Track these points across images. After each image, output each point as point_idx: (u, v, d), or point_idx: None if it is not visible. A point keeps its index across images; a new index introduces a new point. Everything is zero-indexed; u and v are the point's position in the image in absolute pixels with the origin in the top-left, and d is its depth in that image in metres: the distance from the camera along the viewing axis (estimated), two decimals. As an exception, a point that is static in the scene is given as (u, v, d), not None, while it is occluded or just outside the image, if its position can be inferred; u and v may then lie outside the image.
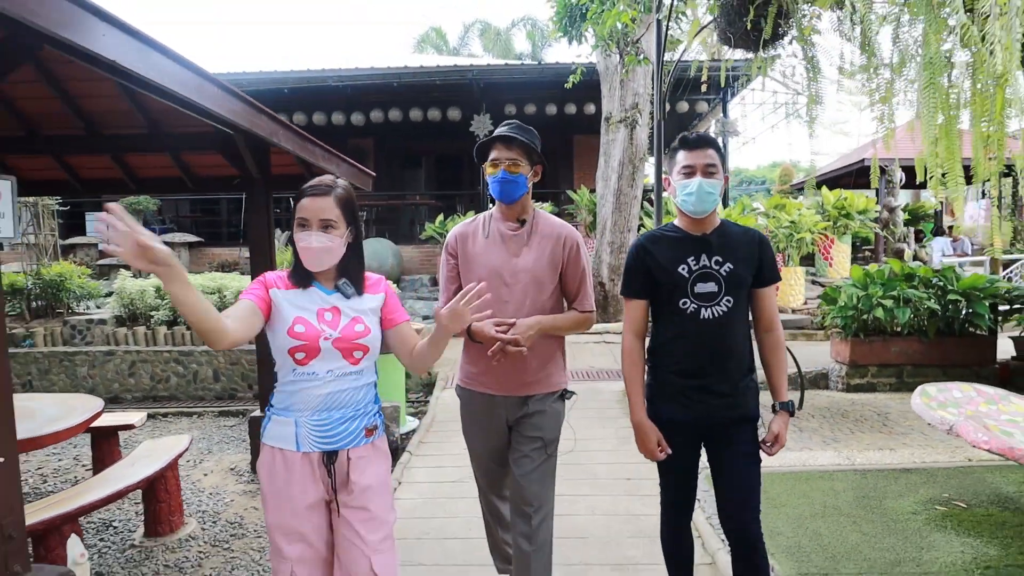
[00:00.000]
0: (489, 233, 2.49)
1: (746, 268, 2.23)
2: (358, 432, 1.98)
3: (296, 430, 1.93)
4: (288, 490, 1.92)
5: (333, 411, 1.95)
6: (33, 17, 1.65)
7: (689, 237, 2.26)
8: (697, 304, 2.20)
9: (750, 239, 2.27)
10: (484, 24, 30.23)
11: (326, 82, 11.27)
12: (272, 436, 1.96)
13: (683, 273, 2.22)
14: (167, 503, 3.70)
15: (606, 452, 4.73)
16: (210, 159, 4.79)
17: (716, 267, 2.21)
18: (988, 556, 3.04)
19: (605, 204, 9.52)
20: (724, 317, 2.20)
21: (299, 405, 1.93)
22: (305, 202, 1.91)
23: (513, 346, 2.29)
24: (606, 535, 3.47)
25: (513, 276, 2.42)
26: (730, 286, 2.20)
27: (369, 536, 1.97)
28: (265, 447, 1.98)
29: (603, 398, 6.25)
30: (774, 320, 2.29)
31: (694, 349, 2.22)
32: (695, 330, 2.21)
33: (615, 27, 7.28)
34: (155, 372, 6.72)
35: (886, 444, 4.78)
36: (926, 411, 3.25)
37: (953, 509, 3.58)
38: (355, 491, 1.97)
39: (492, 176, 2.40)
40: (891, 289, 6.31)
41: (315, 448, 1.93)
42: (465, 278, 2.48)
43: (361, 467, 1.99)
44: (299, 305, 1.93)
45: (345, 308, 1.98)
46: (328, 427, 1.94)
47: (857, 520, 3.46)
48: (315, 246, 1.90)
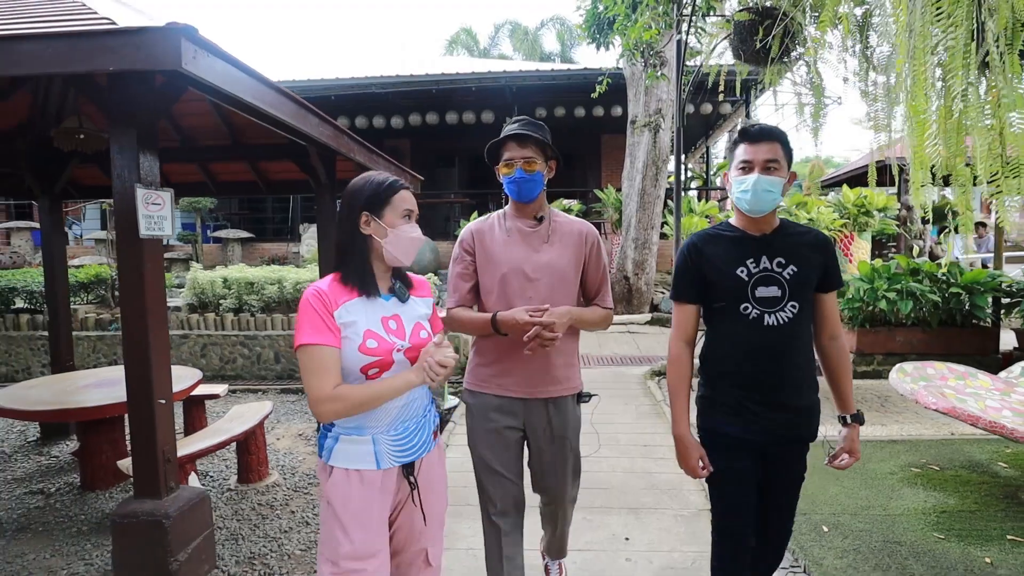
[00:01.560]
0: (508, 230, 2.41)
1: (811, 272, 2.06)
2: (428, 438, 1.95)
3: (375, 448, 1.83)
4: (367, 512, 1.82)
5: (408, 422, 1.89)
6: (192, 68, 2.32)
7: (748, 237, 2.09)
8: (760, 310, 2.03)
9: (814, 240, 2.10)
10: (514, 24, 30.71)
11: (369, 89, 12.03)
12: (345, 457, 1.83)
13: (742, 276, 2.05)
14: (256, 455, 4.43)
15: (627, 424, 5.36)
16: (283, 166, 5.52)
17: (779, 270, 2.04)
18: (946, 504, 3.60)
19: (630, 203, 10.11)
20: (789, 324, 2.02)
21: (374, 422, 1.83)
22: (407, 195, 1.88)
23: (548, 332, 2.18)
24: (623, 486, 4.10)
25: (536, 272, 2.34)
26: (794, 290, 2.03)
27: (430, 531, 1.99)
28: (336, 471, 1.83)
29: (627, 381, 6.88)
30: (838, 327, 2.14)
31: (757, 359, 2.04)
32: (759, 338, 2.03)
33: (639, 38, 7.85)
34: (223, 354, 7.52)
35: (880, 421, 5.32)
36: (899, 383, 3.81)
37: (927, 471, 4.13)
38: (426, 494, 1.95)
39: (507, 176, 2.32)
40: (896, 283, 6.80)
41: (395, 463, 1.86)
42: (486, 275, 2.40)
43: (430, 471, 1.98)
44: (366, 317, 1.81)
45: (405, 314, 1.90)
46: (406, 439, 1.88)
47: (839, 477, 4.03)
48: (420, 237, 1.90)
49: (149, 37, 2.08)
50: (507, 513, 2.45)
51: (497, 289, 2.36)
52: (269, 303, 7.76)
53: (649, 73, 7.82)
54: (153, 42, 2.08)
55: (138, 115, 2.72)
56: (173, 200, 2.88)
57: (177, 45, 2.07)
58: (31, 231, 13.51)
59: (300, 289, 7.73)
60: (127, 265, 2.79)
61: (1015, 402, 3.58)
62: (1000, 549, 3.07)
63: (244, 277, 7.82)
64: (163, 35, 2.08)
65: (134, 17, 2.51)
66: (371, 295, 1.83)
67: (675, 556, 3.21)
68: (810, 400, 2.08)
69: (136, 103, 2.70)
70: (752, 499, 2.13)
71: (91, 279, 8.49)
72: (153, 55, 2.10)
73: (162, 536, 2.84)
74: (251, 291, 7.76)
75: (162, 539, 2.84)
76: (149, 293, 2.82)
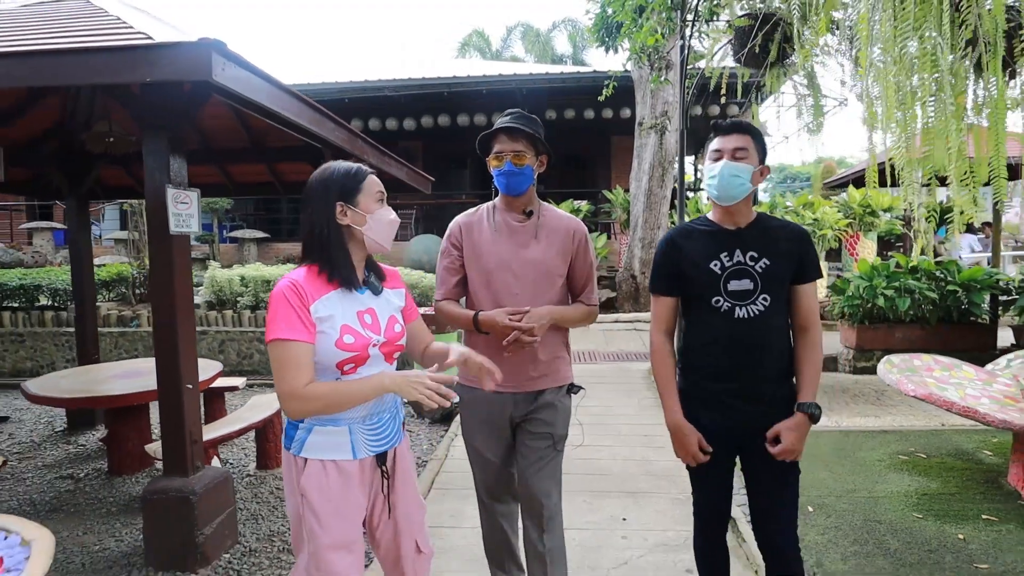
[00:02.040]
0: (496, 225, 2.40)
1: (785, 264, 2.07)
2: (398, 429, 1.98)
3: (352, 438, 1.83)
4: (345, 502, 1.83)
5: (382, 414, 1.90)
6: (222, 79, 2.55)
7: (722, 231, 2.13)
8: (731, 303, 2.06)
9: (790, 233, 2.12)
10: (526, 26, 30.92)
11: (382, 92, 12.30)
12: (319, 448, 1.81)
13: (715, 269, 2.08)
14: (274, 443, 4.67)
15: (629, 416, 5.56)
16: (299, 167, 5.76)
17: (751, 263, 2.06)
18: (928, 488, 3.78)
19: (637, 203, 10.31)
20: (760, 317, 2.05)
21: (351, 412, 1.82)
22: (374, 179, 1.87)
23: (528, 336, 2.22)
24: (623, 473, 4.29)
25: (523, 267, 2.34)
26: (766, 283, 2.05)
27: (412, 518, 2.01)
28: (312, 462, 1.81)
29: (630, 376, 7.08)
30: (811, 318, 2.12)
31: (729, 351, 2.07)
32: (729, 330, 2.06)
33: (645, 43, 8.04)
34: (241, 349, 7.78)
35: (873, 413, 5.49)
36: (885, 374, 3.98)
37: (914, 458, 4.30)
38: (399, 483, 1.98)
39: (496, 169, 2.31)
40: (894, 281, 6.95)
41: (370, 452, 1.88)
42: (472, 269, 2.41)
43: (403, 461, 2.01)
44: (342, 311, 1.79)
45: (379, 307, 1.89)
46: (380, 429, 1.90)
47: (829, 464, 4.21)
48: (397, 219, 1.92)
49: (184, 51, 2.31)
50: (501, 499, 2.52)
51: (483, 283, 2.37)
52: (284, 300, 8.01)
53: (653, 77, 8.00)
54: (187, 55, 2.31)
55: (168, 121, 2.97)
56: (199, 199, 3.11)
57: (208, 58, 2.30)
58: (52, 231, 13.88)
59: (314, 287, 7.98)
60: (158, 260, 3.03)
61: (995, 391, 3.75)
62: (974, 527, 3.24)
63: (261, 275, 8.09)
64: (196, 49, 2.30)
65: (167, 31, 2.74)
66: (350, 289, 1.81)
67: (668, 535, 3.41)
68: (786, 391, 2.09)
69: (166, 110, 2.94)
70: (727, 487, 2.24)
71: (113, 277, 8.78)
72: (187, 67, 2.33)
73: (189, 511, 3.08)
74: (267, 289, 8.02)
75: (189, 514, 3.08)
76: (178, 286, 3.05)
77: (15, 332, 8.08)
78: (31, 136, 5.24)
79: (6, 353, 8.07)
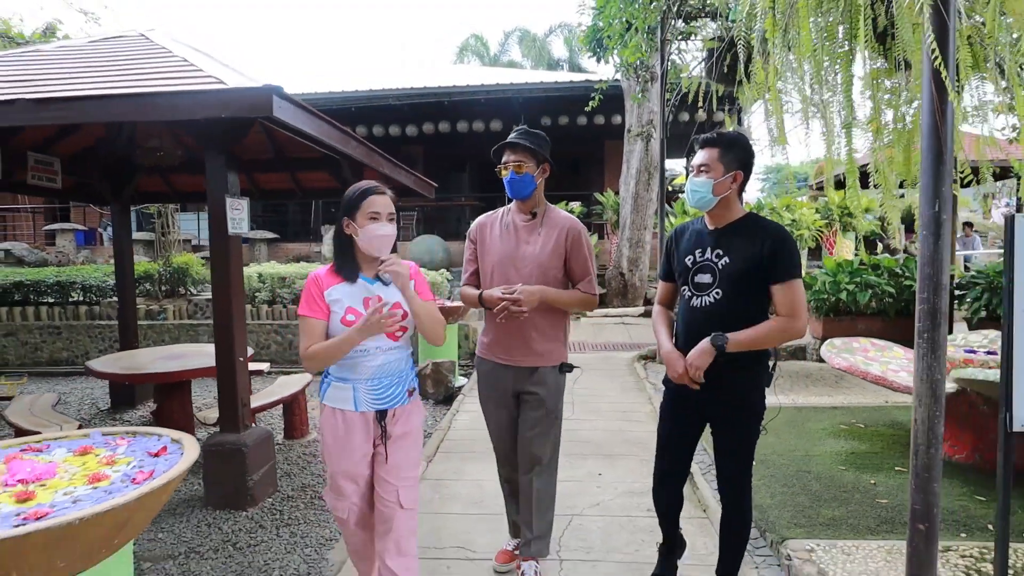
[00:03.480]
0: (506, 224, 2.83)
1: (746, 263, 2.29)
2: (402, 394, 2.38)
3: (354, 394, 2.31)
4: (348, 442, 2.31)
5: (383, 379, 2.33)
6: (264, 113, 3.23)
7: (704, 230, 2.46)
8: (692, 292, 2.42)
9: (763, 235, 2.31)
10: (523, 31, 31.57)
11: (387, 100, 13.01)
12: (332, 399, 2.34)
13: (688, 263, 2.44)
14: (299, 416, 5.37)
15: (611, 396, 6.27)
16: (318, 175, 6.45)
17: (715, 260, 2.37)
18: (857, 449, 4.47)
19: (626, 205, 11.02)
20: (711, 308, 2.35)
21: (355, 375, 2.31)
22: (376, 199, 2.29)
23: (515, 306, 2.60)
24: (602, 441, 4.99)
25: (521, 262, 2.74)
26: (723, 279, 2.33)
27: (400, 473, 2.38)
28: (326, 408, 2.35)
29: (615, 363, 7.79)
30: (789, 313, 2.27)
31: (687, 335, 2.40)
32: (689, 316, 2.43)
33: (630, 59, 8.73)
34: (259, 340, 8.47)
35: (828, 394, 6.19)
36: (826, 354, 4.67)
37: (853, 428, 5.00)
38: (394, 439, 2.37)
39: (504, 177, 2.76)
40: (856, 276, 7.65)
41: (370, 408, 2.32)
42: (482, 262, 2.86)
43: (401, 421, 2.39)
44: (350, 297, 2.29)
45: (387, 295, 2.31)
46: (380, 391, 2.32)
47: (779, 432, 4.90)
48: (389, 234, 2.30)
49: (251, 94, 3.00)
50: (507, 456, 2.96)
51: (488, 273, 2.83)
52: (299, 295, 8.71)
53: (633, 95, 8.67)
54: (254, 97, 3.00)
55: (226, 144, 3.66)
56: (249, 205, 3.81)
57: (270, 99, 2.99)
58: (74, 232, 14.57)
59: (327, 283, 8.67)
60: (218, 255, 3.73)
61: (914, 367, 4.45)
62: (886, 476, 3.94)
63: (277, 272, 8.78)
64: (261, 92, 2.99)
65: (228, 73, 3.43)
66: (353, 281, 2.30)
67: (636, 485, 4.11)
68: (736, 372, 2.35)
69: (225, 135, 3.64)
70: (690, 453, 2.60)
71: (139, 275, 9.47)
72: (253, 106, 3.02)
73: (242, 460, 3.77)
74: (283, 285, 8.72)
75: (242, 462, 3.78)
76: (233, 276, 3.75)
77: (52, 325, 8.77)
78: (82, 147, 5.92)
79: (44, 344, 8.76)
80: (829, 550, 2.93)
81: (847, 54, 3.48)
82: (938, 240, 1.82)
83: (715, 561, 2.71)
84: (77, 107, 3.07)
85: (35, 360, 8.74)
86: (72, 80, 3.51)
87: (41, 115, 3.13)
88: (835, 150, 5.54)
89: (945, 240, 1.83)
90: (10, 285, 8.99)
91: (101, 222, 17.70)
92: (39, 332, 8.77)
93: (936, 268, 1.83)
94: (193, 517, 3.76)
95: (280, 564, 3.23)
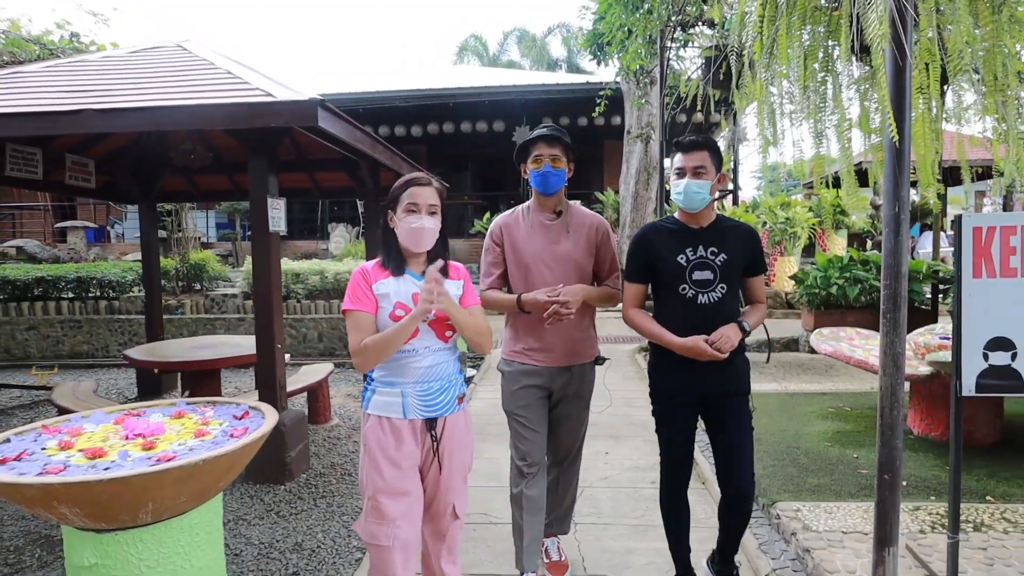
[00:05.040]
0: (531, 223, 2.79)
1: (738, 258, 2.48)
2: (452, 401, 2.23)
3: (403, 400, 2.15)
4: (397, 453, 2.14)
5: (432, 382, 2.18)
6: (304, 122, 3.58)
7: (686, 229, 2.52)
8: (695, 290, 2.46)
9: (741, 232, 2.53)
10: (522, 31, 31.86)
11: (394, 102, 13.37)
12: (378, 406, 2.17)
13: (681, 262, 2.47)
14: (322, 402, 5.72)
15: (615, 383, 6.65)
16: (335, 175, 6.80)
17: (712, 257, 2.46)
18: (843, 428, 4.85)
19: (626, 204, 11.41)
20: (719, 302, 2.45)
21: (403, 377, 2.15)
22: (416, 191, 2.18)
23: (564, 308, 2.57)
24: (608, 424, 5.36)
25: (555, 260, 2.73)
26: (724, 274, 2.45)
27: (454, 485, 2.27)
28: (371, 416, 2.18)
29: (617, 354, 8.18)
30: (760, 299, 2.62)
31: (692, 331, 2.41)
32: (693, 314, 2.45)
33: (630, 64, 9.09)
34: (275, 334, 8.86)
35: (818, 381, 6.58)
36: (815, 342, 5.04)
37: (840, 411, 5.38)
38: (447, 449, 2.23)
39: (535, 170, 2.69)
40: (846, 271, 8.03)
41: (419, 415, 2.16)
42: (512, 262, 2.80)
43: (454, 430, 2.26)
44: (398, 292, 2.15)
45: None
46: (430, 396, 2.17)
47: (771, 415, 5.28)
48: (428, 227, 2.18)
49: (298, 106, 3.36)
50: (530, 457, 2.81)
51: (522, 275, 2.78)
52: (312, 291, 9.06)
53: (633, 100, 9.03)
54: (300, 109, 3.36)
55: (268, 149, 4.02)
56: (285, 205, 4.17)
57: (315, 111, 3.35)
58: (84, 229, 14.88)
59: (340, 279, 9.03)
60: (260, 250, 4.08)
61: (895, 353, 4.83)
62: (868, 451, 4.31)
63: (291, 269, 9.13)
64: (307, 104, 3.35)
65: (273, 86, 3.78)
66: (400, 275, 2.18)
67: (640, 461, 4.49)
68: (738, 361, 2.52)
69: (268, 141, 3.99)
70: (689, 442, 2.61)
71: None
72: (300, 117, 3.37)
73: (281, 437, 4.13)
74: (297, 281, 9.07)
75: (281, 439, 4.13)
76: (273, 269, 4.11)
77: (72, 319, 9.11)
78: (114, 149, 6.26)
79: (65, 338, 9.10)
80: (813, 510, 3.32)
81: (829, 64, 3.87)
82: (897, 236, 2.18)
83: (715, 524, 2.88)
84: (141, 116, 3.42)
85: (56, 353, 9.07)
86: (128, 90, 3.85)
87: (105, 123, 3.48)
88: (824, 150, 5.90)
89: (904, 235, 2.19)
90: (32, 280, 9.32)
91: (109, 220, 18.03)
92: (60, 326, 9.11)
93: (896, 259, 2.19)
94: (236, 490, 4.12)
95: (322, 529, 3.59)
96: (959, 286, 2.30)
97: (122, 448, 1.98)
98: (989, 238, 2.25)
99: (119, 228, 18.01)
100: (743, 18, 3.87)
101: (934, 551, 2.81)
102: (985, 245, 2.25)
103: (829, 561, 2.78)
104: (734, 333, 2.40)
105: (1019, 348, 2.27)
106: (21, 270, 9.74)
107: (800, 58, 3.64)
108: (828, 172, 4.63)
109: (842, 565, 2.75)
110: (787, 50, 3.41)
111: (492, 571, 3.12)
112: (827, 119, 4.39)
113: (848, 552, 2.86)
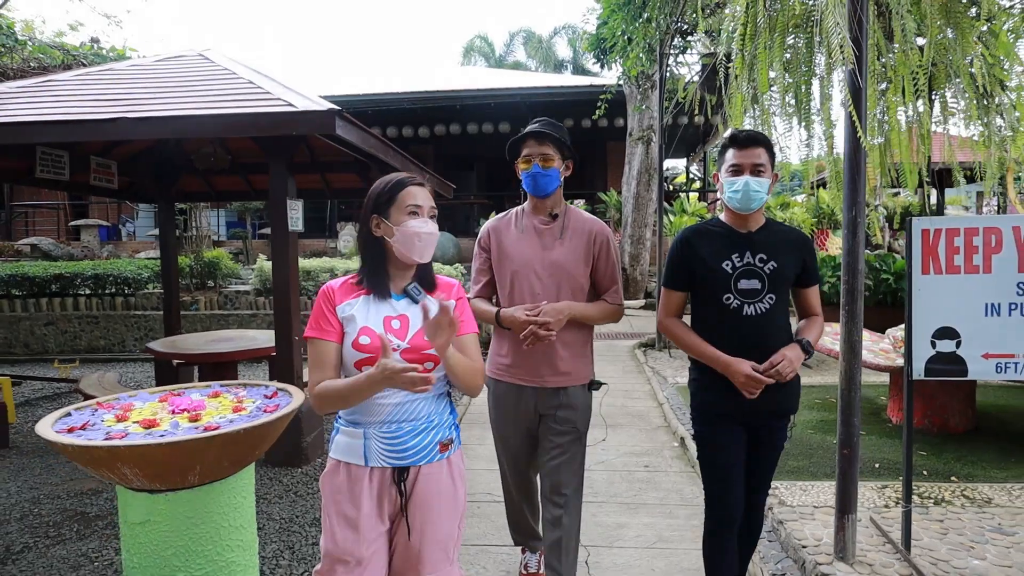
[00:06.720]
0: (522, 227, 2.51)
1: (790, 267, 2.22)
2: (431, 446, 1.83)
3: (364, 443, 1.79)
4: (352, 509, 1.78)
5: (403, 423, 1.80)
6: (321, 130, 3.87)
7: (734, 233, 2.25)
8: (740, 300, 2.19)
9: (795, 239, 2.27)
10: (528, 32, 32.17)
11: (401, 104, 13.68)
12: (339, 449, 1.84)
13: (727, 269, 2.21)
14: (335, 393, 6.01)
15: (613, 377, 6.95)
16: (346, 176, 7.10)
17: (760, 264, 2.20)
18: (827, 418, 5.12)
19: (627, 204, 11.70)
20: (767, 314, 2.18)
21: (367, 416, 1.79)
22: (415, 191, 1.85)
23: (544, 330, 2.30)
24: (606, 414, 5.65)
25: (545, 269, 2.44)
26: (773, 284, 2.18)
27: (428, 556, 1.82)
28: (331, 459, 1.85)
29: (618, 350, 8.49)
30: (815, 311, 2.34)
31: (737, 344, 2.18)
32: (738, 326, 2.19)
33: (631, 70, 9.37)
34: (286, 329, 9.18)
35: (808, 375, 6.85)
36: (801, 337, 5.31)
37: (827, 402, 5.65)
38: (419, 511, 1.82)
39: (525, 171, 2.43)
40: (838, 270, 8.29)
41: (385, 463, 1.79)
42: (499, 271, 2.54)
43: (429, 484, 1.83)
44: (365, 314, 1.80)
45: (413, 316, 1.82)
46: (399, 440, 1.79)
47: (760, 405, 5.56)
48: (433, 231, 1.86)
49: (319, 115, 3.65)
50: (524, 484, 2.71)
51: (508, 284, 2.51)
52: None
53: (635, 107, 9.30)
54: (320, 118, 3.65)
55: (287, 153, 4.32)
56: (304, 206, 4.46)
57: (333, 120, 3.64)
58: (97, 227, 15.23)
59: (349, 276, 9.33)
60: (279, 247, 4.38)
61: (877, 348, 5.10)
62: (848, 439, 4.59)
63: (302, 266, 9.43)
64: (327, 115, 3.64)
65: (293, 96, 4.07)
66: (383, 296, 1.83)
67: (635, 448, 4.77)
68: (794, 378, 2.23)
69: (287, 146, 4.29)
70: (739, 467, 2.26)
71: (172, 268, 10.15)
72: (319, 126, 3.67)
73: (298, 424, 4.43)
74: (307, 278, 9.38)
75: (298, 426, 4.43)
76: (292, 266, 4.41)
77: (90, 315, 9.43)
78: (135, 152, 6.56)
79: (82, 333, 9.43)
80: (790, 488, 3.61)
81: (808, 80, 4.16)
82: (855, 236, 2.46)
83: None
84: (173, 124, 3.72)
85: (74, 348, 9.40)
86: (156, 98, 4.15)
87: (140, 131, 3.79)
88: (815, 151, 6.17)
89: (860, 236, 2.47)
90: (50, 277, 9.65)
91: (121, 218, 18.39)
92: (77, 321, 9.44)
93: (854, 257, 2.47)
94: (257, 472, 4.42)
95: (337, 505, 3.89)
96: (910, 282, 2.58)
97: (172, 420, 2.28)
98: (936, 239, 2.53)
99: (130, 226, 18.37)
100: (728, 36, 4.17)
101: (895, 523, 3.08)
102: (932, 245, 2.53)
103: (799, 531, 3.07)
104: (796, 356, 2.16)
105: (963, 337, 2.56)
106: (40, 267, 10.07)
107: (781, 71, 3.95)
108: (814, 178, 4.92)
109: (810, 534, 3.03)
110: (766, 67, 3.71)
111: (496, 542, 3.41)
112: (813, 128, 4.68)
113: (817, 523, 3.14)
